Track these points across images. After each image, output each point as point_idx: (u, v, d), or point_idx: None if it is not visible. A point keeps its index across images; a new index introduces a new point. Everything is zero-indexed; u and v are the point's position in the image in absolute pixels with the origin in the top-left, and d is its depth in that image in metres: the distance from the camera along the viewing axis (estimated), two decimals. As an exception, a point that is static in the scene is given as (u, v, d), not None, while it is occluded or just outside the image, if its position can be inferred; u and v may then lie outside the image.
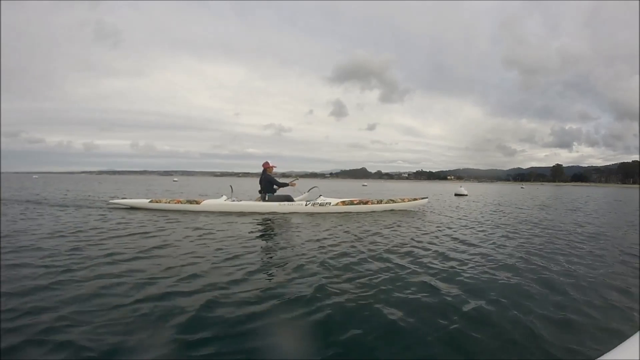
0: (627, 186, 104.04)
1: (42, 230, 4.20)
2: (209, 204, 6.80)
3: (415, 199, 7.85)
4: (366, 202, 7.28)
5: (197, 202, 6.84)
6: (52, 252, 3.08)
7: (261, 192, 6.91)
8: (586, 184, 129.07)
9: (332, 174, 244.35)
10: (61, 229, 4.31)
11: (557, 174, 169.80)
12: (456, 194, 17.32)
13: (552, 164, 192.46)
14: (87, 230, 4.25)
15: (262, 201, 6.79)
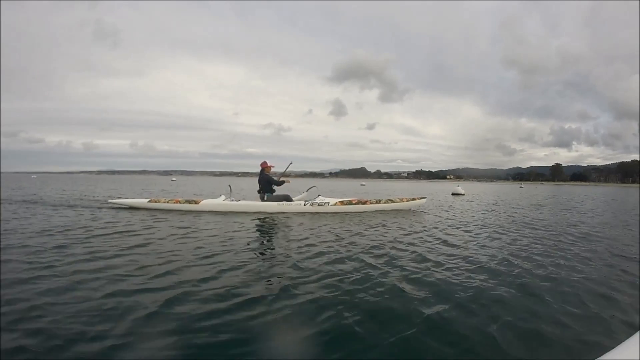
0: (627, 185, 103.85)
1: (31, 228, 4.30)
2: (207, 203, 6.82)
3: (414, 199, 7.83)
4: (365, 202, 7.29)
5: (196, 202, 6.88)
6: (37, 249, 3.19)
7: (260, 192, 6.95)
8: (585, 184, 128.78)
9: (331, 174, 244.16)
10: (50, 227, 4.41)
11: (556, 174, 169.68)
12: (453, 194, 17.37)
13: (551, 164, 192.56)
14: (75, 229, 4.35)
15: (261, 201, 6.84)
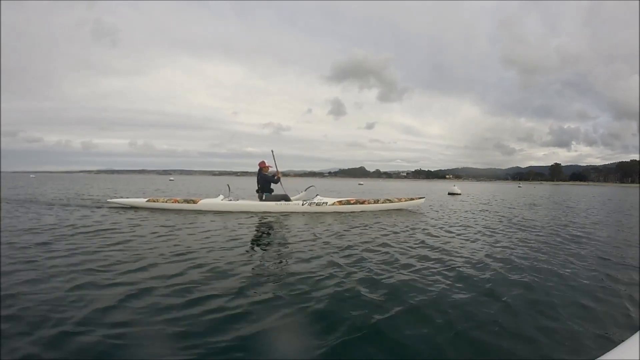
0: (626, 185, 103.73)
1: (21, 226, 4.42)
2: (205, 203, 6.84)
3: (412, 199, 7.83)
4: (363, 202, 7.29)
5: (194, 202, 6.90)
6: (22, 245, 3.31)
7: (258, 191, 6.98)
8: (584, 183, 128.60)
9: (330, 173, 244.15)
10: (38, 226, 4.52)
11: (555, 173, 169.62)
12: (449, 193, 17.41)
13: (550, 163, 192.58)
14: (62, 227, 4.46)
15: (260, 201, 6.86)
